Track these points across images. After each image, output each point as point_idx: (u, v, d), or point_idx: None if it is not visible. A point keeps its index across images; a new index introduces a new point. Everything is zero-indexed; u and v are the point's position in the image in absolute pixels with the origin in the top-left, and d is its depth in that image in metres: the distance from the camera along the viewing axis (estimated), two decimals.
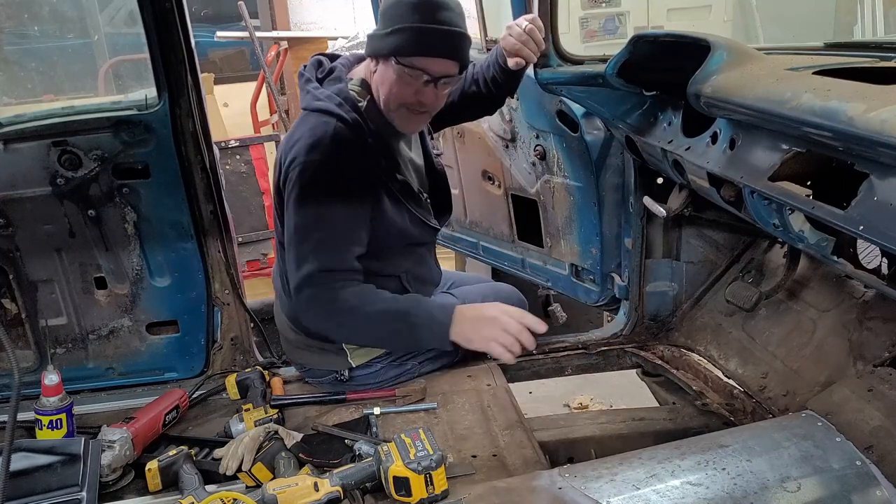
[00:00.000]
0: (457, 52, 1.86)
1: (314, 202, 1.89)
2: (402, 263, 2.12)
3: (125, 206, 2.26)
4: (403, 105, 1.91)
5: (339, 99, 1.92)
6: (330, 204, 1.88)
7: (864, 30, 3.60)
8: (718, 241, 2.43)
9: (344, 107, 1.90)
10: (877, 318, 1.85)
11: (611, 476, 1.46)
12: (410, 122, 1.98)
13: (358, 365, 2.15)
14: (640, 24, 4.04)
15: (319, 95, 1.94)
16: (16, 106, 4.03)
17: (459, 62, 1.88)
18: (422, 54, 1.83)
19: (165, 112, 2.19)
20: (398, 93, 1.89)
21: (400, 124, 1.97)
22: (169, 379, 2.42)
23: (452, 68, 1.87)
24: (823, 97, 1.31)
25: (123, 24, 5.42)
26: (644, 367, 2.46)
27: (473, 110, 2.37)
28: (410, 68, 1.84)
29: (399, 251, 2.10)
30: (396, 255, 2.10)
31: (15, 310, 2.33)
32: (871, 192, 1.26)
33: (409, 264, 2.14)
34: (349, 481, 1.63)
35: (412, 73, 1.85)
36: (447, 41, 1.83)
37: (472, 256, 3.25)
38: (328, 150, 1.87)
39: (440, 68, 1.85)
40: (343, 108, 1.90)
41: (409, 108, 1.92)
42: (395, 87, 1.89)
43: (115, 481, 1.84)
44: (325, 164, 1.87)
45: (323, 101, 1.92)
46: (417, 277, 2.17)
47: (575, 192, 2.47)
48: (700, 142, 1.77)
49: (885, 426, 1.48)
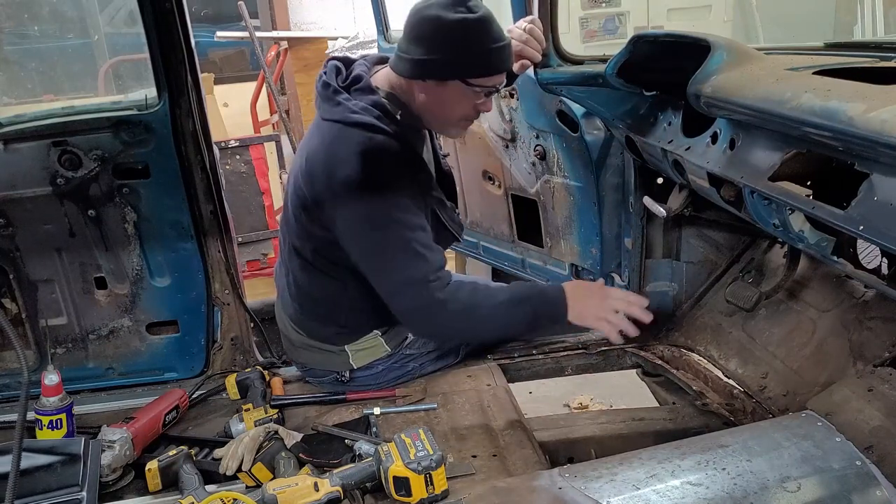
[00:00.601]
0: (509, 63, 1.95)
1: (387, 218, 1.88)
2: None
3: (125, 206, 2.26)
4: (462, 118, 1.97)
5: (378, 112, 1.90)
6: (402, 216, 1.88)
7: (864, 30, 3.60)
8: (718, 241, 2.43)
9: (384, 119, 1.90)
10: (877, 318, 1.85)
11: (611, 476, 1.46)
12: (463, 129, 2.06)
13: (359, 366, 2.15)
14: (640, 24, 4.04)
15: (355, 108, 1.90)
16: (16, 106, 4.03)
17: (506, 71, 1.94)
18: (491, 74, 1.88)
19: (165, 112, 2.19)
20: (462, 109, 1.93)
21: (455, 133, 2.13)
22: (169, 379, 2.42)
23: (503, 78, 1.93)
24: (823, 97, 1.31)
25: (123, 24, 5.42)
26: (644, 367, 2.46)
27: None
28: (479, 87, 1.87)
29: None
30: None
31: (15, 310, 2.33)
32: (871, 192, 1.26)
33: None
34: (349, 481, 1.63)
35: (482, 90, 1.89)
36: (505, 55, 1.88)
37: (472, 256, 3.26)
38: (385, 165, 1.87)
39: (500, 80, 1.92)
40: (383, 122, 1.89)
41: (469, 119, 1.99)
42: (458, 104, 1.92)
43: (115, 481, 1.85)
44: (387, 180, 1.87)
45: (360, 113, 1.89)
46: None
47: (575, 192, 2.47)
48: (700, 142, 1.77)
49: (885, 426, 1.48)
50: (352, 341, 2.14)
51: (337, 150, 1.88)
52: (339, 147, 1.88)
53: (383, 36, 3.32)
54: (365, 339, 2.14)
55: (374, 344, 2.15)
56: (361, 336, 2.13)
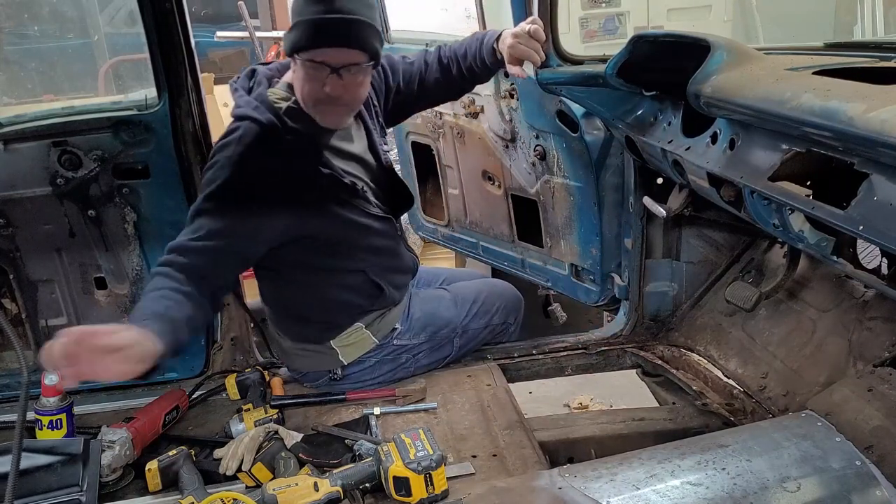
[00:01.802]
0: (355, 40, 1.82)
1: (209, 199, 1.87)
2: (365, 258, 2.09)
3: (125, 207, 2.26)
4: (317, 100, 1.89)
5: (257, 103, 1.91)
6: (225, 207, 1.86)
7: (864, 30, 3.61)
8: (718, 241, 2.43)
9: (260, 109, 1.90)
10: (877, 318, 1.85)
11: (611, 476, 1.46)
12: (328, 115, 1.94)
13: (350, 362, 2.16)
14: (640, 24, 4.04)
15: (240, 102, 1.94)
16: (16, 106, 4.03)
17: (362, 49, 1.83)
18: (318, 46, 1.81)
19: (165, 112, 2.19)
20: (309, 89, 1.87)
21: (321, 119, 1.93)
22: (169, 379, 2.41)
23: (356, 56, 1.83)
24: (823, 97, 1.31)
25: (123, 24, 5.41)
26: (644, 367, 2.46)
27: (436, 96, 2.34)
28: (311, 62, 1.82)
29: (356, 245, 2.07)
30: (356, 250, 2.08)
31: (15, 310, 2.33)
32: (871, 192, 1.26)
33: (372, 258, 2.10)
34: (349, 481, 1.63)
35: (315, 67, 1.82)
36: (341, 30, 1.79)
37: (472, 256, 3.25)
38: (233, 150, 1.87)
39: (341, 58, 1.81)
40: (259, 111, 1.89)
41: (323, 102, 1.89)
42: (304, 83, 1.87)
43: (116, 481, 1.84)
44: (227, 164, 1.86)
45: (242, 107, 1.92)
46: (386, 269, 2.14)
47: (575, 192, 2.47)
48: (700, 142, 1.77)
49: (885, 426, 1.48)
50: (334, 337, 2.14)
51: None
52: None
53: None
54: (348, 334, 2.14)
55: (361, 337, 2.15)
56: (342, 331, 2.14)
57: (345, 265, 2.08)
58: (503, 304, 2.39)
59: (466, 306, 2.31)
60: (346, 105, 1.94)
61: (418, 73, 2.21)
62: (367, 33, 1.83)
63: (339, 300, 2.11)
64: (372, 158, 2.12)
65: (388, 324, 2.18)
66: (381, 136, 2.17)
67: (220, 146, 1.92)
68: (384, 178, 2.14)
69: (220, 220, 1.86)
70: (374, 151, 2.12)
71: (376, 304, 2.14)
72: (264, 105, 1.91)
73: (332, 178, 1.97)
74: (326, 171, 1.96)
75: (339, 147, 2.03)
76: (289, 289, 2.13)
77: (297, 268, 2.06)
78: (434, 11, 3.17)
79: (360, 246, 2.08)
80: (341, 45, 1.81)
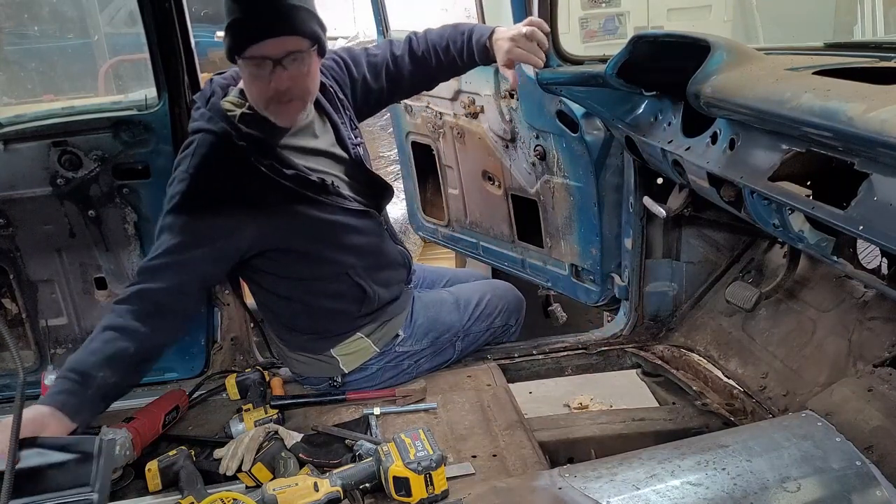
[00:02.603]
0: (290, 26, 1.75)
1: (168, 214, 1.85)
2: (346, 259, 2.03)
3: (125, 207, 2.26)
4: (268, 99, 1.83)
5: (210, 114, 1.88)
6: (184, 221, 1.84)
7: (864, 30, 3.61)
8: (718, 241, 2.43)
9: (213, 120, 1.86)
10: (877, 318, 1.85)
11: (611, 476, 1.45)
12: (282, 114, 1.87)
13: (350, 370, 2.15)
14: (640, 24, 4.05)
15: (195, 116, 1.92)
16: (16, 106, 4.04)
17: (299, 34, 1.76)
18: (253, 41, 1.74)
19: (165, 112, 2.19)
20: (256, 89, 1.82)
21: (276, 119, 1.88)
22: (169, 379, 2.42)
23: (295, 43, 1.76)
24: (823, 97, 1.31)
25: (123, 24, 5.42)
26: (644, 367, 2.46)
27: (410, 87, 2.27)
28: (252, 59, 1.76)
29: (335, 246, 2.01)
30: (335, 252, 2.02)
31: (15, 310, 2.33)
32: (871, 192, 1.26)
33: (353, 259, 2.04)
34: (349, 481, 1.63)
35: (257, 64, 1.76)
36: (272, 19, 1.73)
37: (472, 256, 3.25)
38: (188, 163, 1.84)
39: (279, 47, 1.74)
40: (212, 122, 1.86)
41: (274, 100, 1.83)
42: (251, 85, 1.83)
43: (116, 481, 1.84)
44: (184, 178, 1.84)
45: (197, 120, 1.90)
46: (370, 268, 2.08)
47: (575, 193, 2.47)
48: (700, 142, 1.77)
49: (885, 426, 1.48)
50: (333, 346, 2.12)
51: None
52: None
53: (383, 36, 3.31)
54: (348, 343, 2.12)
55: (362, 346, 2.13)
56: (340, 340, 2.11)
57: (326, 272, 2.03)
58: (505, 305, 2.39)
59: (469, 309, 2.29)
60: (299, 99, 1.87)
61: (385, 64, 2.15)
62: (302, 17, 1.76)
63: (326, 308, 2.07)
64: (342, 152, 2.05)
65: (391, 331, 2.16)
66: (350, 128, 2.09)
67: (177, 162, 1.89)
68: (359, 172, 2.08)
69: (180, 234, 1.83)
70: (342, 145, 2.05)
71: (364, 307, 2.08)
72: (217, 115, 1.87)
73: (299, 178, 1.90)
74: (290, 171, 1.90)
75: (302, 145, 1.97)
76: (276, 300, 2.11)
77: (280, 279, 2.04)
78: (434, 11, 3.17)
79: (339, 246, 2.01)
80: (276, 33, 1.74)
